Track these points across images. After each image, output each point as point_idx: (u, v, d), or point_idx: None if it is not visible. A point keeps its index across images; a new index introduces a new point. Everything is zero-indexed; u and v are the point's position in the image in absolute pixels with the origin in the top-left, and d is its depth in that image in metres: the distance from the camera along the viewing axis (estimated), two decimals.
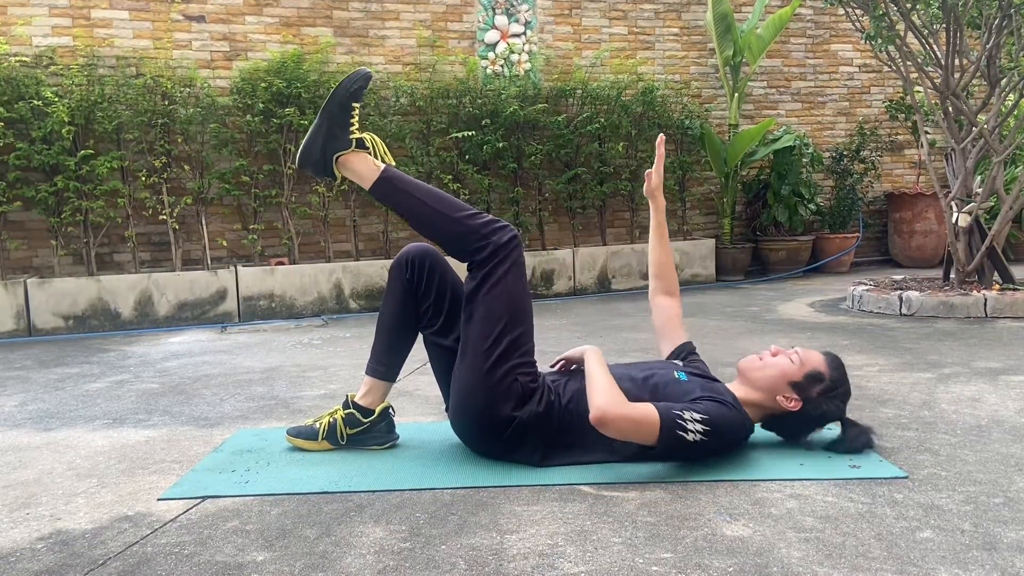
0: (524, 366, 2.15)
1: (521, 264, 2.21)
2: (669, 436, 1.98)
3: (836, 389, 2.18)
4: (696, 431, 1.99)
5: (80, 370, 3.84)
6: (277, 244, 5.88)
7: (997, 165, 4.86)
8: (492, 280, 2.15)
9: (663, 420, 1.98)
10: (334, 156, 2.25)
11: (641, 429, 1.99)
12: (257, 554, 1.66)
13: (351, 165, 2.26)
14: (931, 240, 7.49)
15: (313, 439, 2.37)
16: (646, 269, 6.55)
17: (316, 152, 2.25)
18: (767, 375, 2.18)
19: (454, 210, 2.21)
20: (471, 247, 2.19)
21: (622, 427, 1.99)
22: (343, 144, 2.24)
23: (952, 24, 4.79)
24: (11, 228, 5.30)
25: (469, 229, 2.19)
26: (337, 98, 2.24)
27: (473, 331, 2.14)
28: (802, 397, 2.16)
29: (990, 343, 3.79)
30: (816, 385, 2.16)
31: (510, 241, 2.18)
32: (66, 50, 5.44)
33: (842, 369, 2.22)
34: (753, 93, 7.54)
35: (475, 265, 2.19)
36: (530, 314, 2.21)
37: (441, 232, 2.23)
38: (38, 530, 1.83)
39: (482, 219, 2.21)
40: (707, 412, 2.02)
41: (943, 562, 1.53)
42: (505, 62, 6.58)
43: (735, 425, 2.08)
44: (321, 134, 2.24)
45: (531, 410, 2.12)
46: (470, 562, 1.59)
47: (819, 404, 2.17)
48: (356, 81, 2.26)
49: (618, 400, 2.01)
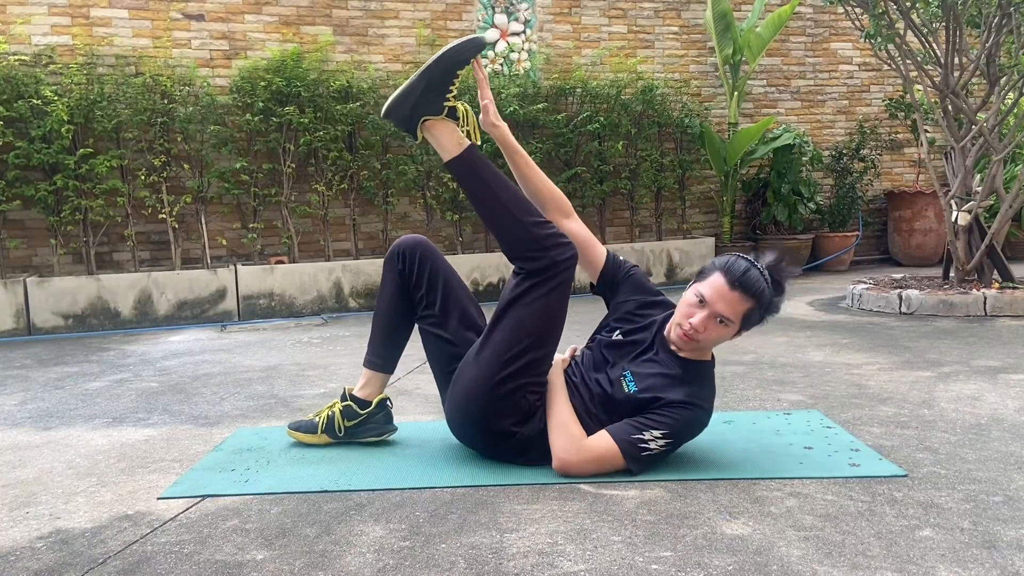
0: (535, 385, 2.13)
1: (568, 285, 2.13)
2: (635, 462, 2.01)
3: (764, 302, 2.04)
4: (659, 445, 2.01)
5: (80, 369, 3.84)
6: (277, 243, 5.87)
7: (997, 163, 4.86)
8: (536, 294, 2.09)
9: (625, 453, 2.00)
10: (422, 118, 2.18)
11: (606, 467, 2.02)
12: (257, 553, 1.66)
13: (436, 132, 2.18)
14: (931, 239, 7.49)
15: (312, 432, 2.40)
16: (646, 267, 6.60)
17: (405, 109, 2.17)
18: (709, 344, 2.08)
19: (524, 212, 2.13)
20: (527, 253, 2.11)
21: (587, 470, 2.03)
22: (435, 109, 2.16)
23: (951, 22, 4.79)
24: (10, 227, 5.30)
25: (532, 235, 2.10)
26: (443, 61, 2.14)
27: (497, 336, 2.10)
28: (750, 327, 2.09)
29: (990, 341, 3.79)
30: (753, 317, 2.06)
31: (567, 260, 2.10)
32: (65, 49, 5.43)
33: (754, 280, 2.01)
34: (753, 91, 7.54)
35: (525, 272, 2.12)
36: (559, 336, 2.16)
37: (503, 228, 2.15)
38: (38, 529, 1.83)
39: (548, 230, 2.12)
40: (667, 426, 2.02)
41: (943, 560, 1.53)
42: (505, 61, 6.58)
43: (695, 423, 2.07)
44: (416, 93, 2.15)
45: (534, 427, 2.11)
46: (470, 561, 1.59)
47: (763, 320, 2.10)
48: (468, 49, 2.15)
49: (575, 446, 2.02)
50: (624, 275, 2.30)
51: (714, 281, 2.03)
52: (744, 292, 2.00)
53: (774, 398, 2.87)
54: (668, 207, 7.11)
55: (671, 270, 6.73)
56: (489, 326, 2.15)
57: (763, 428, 2.47)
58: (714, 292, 2.02)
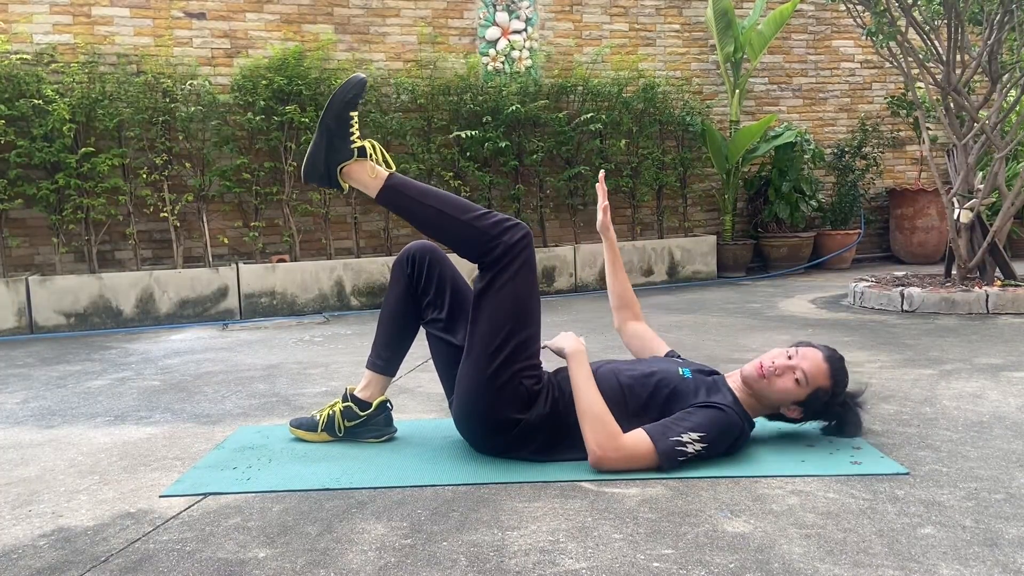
0: (529, 369, 2.13)
1: (531, 264, 2.17)
2: (671, 461, 2.01)
3: (837, 397, 2.19)
4: (696, 449, 2.02)
5: (82, 367, 3.85)
6: (278, 241, 5.88)
7: (999, 161, 4.85)
8: (501, 281, 2.12)
9: (660, 452, 2.01)
10: (338, 168, 2.21)
11: (640, 465, 2.03)
12: (259, 551, 1.66)
13: (355, 175, 2.22)
14: (932, 236, 7.48)
15: (313, 430, 2.42)
16: (648, 265, 6.61)
17: (320, 166, 2.22)
18: (773, 394, 2.17)
19: (462, 212, 2.17)
20: (482, 249, 2.15)
21: (620, 467, 2.03)
22: (345, 155, 2.20)
23: (953, 20, 4.78)
24: (12, 226, 5.30)
25: (478, 231, 2.14)
26: (333, 109, 2.19)
27: (479, 332, 2.12)
28: (805, 409, 2.20)
29: (991, 339, 3.79)
30: (820, 398, 2.17)
31: (520, 240, 2.14)
32: (67, 47, 5.43)
33: (842, 367, 2.21)
34: (754, 89, 7.53)
35: (485, 266, 2.16)
36: (538, 316, 2.19)
37: (451, 235, 2.19)
38: (40, 527, 1.83)
39: (492, 219, 2.15)
40: (705, 428, 2.03)
41: (944, 558, 1.53)
42: (506, 59, 6.58)
43: (734, 432, 2.09)
44: (322, 147, 2.21)
45: (537, 412, 2.12)
46: (471, 558, 1.59)
47: (820, 412, 2.21)
48: (350, 90, 2.20)
49: (612, 442, 2.02)
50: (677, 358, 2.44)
51: (811, 350, 2.19)
52: (831, 368, 2.16)
53: None
54: (669, 205, 7.11)
55: (672, 268, 6.72)
56: (470, 327, 2.16)
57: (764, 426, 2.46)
58: (807, 353, 2.18)
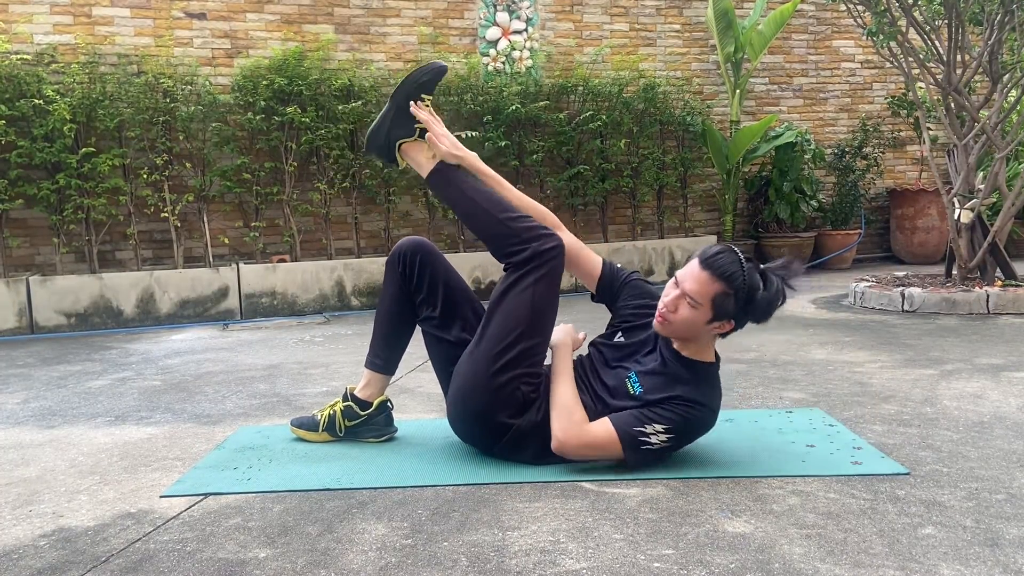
0: (529, 376, 2.13)
1: (556, 275, 2.16)
2: (634, 453, 2.00)
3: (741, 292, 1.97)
4: (660, 441, 2.00)
5: (82, 367, 3.85)
6: (279, 241, 5.88)
7: (999, 161, 4.85)
8: (523, 284, 2.13)
9: (624, 441, 1.99)
10: (397, 143, 2.31)
11: (603, 453, 2.03)
12: (259, 551, 1.66)
13: (412, 153, 2.33)
14: (933, 236, 7.48)
15: (314, 430, 2.43)
16: (648, 265, 6.61)
17: (381, 137, 2.33)
18: (684, 331, 2.04)
19: (501, 211, 2.20)
20: (510, 248, 2.16)
21: (584, 454, 2.04)
22: (407, 132, 2.31)
23: (954, 20, 4.78)
24: (13, 226, 5.30)
25: (512, 231, 2.17)
26: (406, 87, 2.30)
27: (490, 330, 2.13)
28: (728, 319, 2.02)
29: (992, 339, 3.79)
30: (729, 304, 1.98)
31: (551, 250, 2.14)
32: (67, 48, 5.43)
33: (728, 265, 1.97)
34: (755, 89, 7.53)
35: (511, 266, 2.17)
36: (551, 327, 2.19)
37: (485, 230, 2.22)
38: (41, 527, 1.83)
39: (527, 223, 2.18)
40: (669, 422, 2.01)
41: (945, 558, 1.53)
42: (506, 59, 6.58)
43: (699, 422, 2.05)
44: (388, 120, 2.32)
45: (530, 419, 2.11)
46: (472, 559, 1.59)
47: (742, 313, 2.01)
48: (427, 73, 2.31)
49: (576, 428, 2.02)
50: (623, 281, 2.31)
51: (689, 263, 2.04)
52: (712, 272, 1.97)
53: (776, 396, 2.87)
54: (670, 205, 7.11)
55: (673, 268, 6.72)
56: (483, 322, 2.17)
57: (765, 426, 2.47)
58: (686, 271, 2.03)
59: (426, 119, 2.29)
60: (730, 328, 2.06)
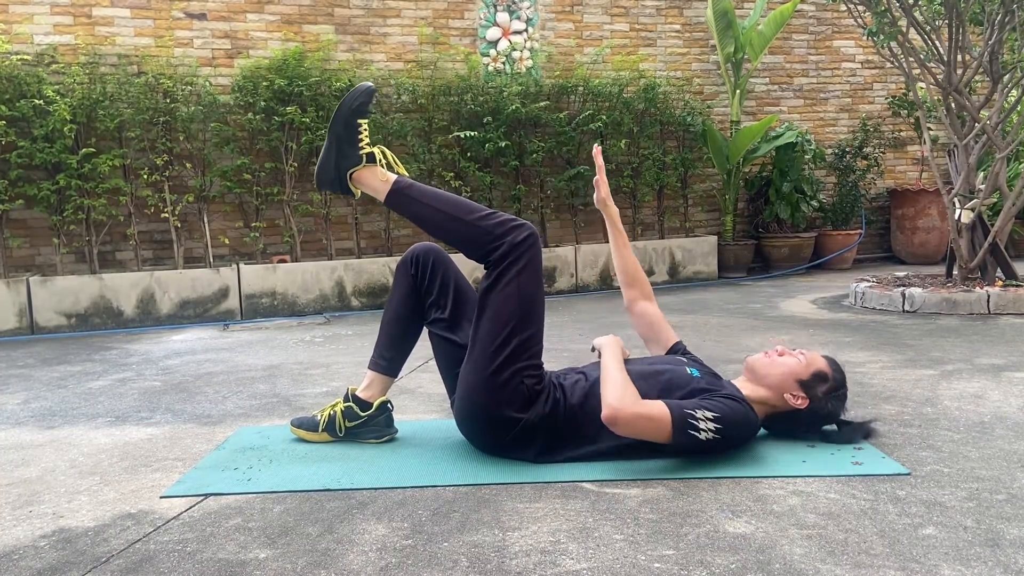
0: (531, 368, 2.14)
1: (536, 264, 2.18)
2: (681, 435, 2.00)
3: (839, 389, 2.24)
4: (709, 429, 2.01)
5: (82, 368, 3.85)
6: (279, 242, 5.88)
7: (1000, 161, 4.85)
8: (505, 279, 2.14)
9: (675, 419, 1.99)
10: (348, 173, 2.28)
11: (653, 428, 2.00)
12: (259, 551, 1.66)
13: (364, 180, 2.30)
14: (934, 236, 7.48)
15: (314, 430, 2.43)
16: (649, 266, 6.60)
17: (331, 171, 2.30)
18: (776, 373, 2.20)
19: (467, 213, 2.20)
20: (486, 248, 2.17)
21: (635, 425, 2.00)
22: (354, 160, 2.28)
23: (954, 20, 4.78)
24: (13, 226, 5.31)
25: (483, 230, 2.17)
26: (342, 117, 2.26)
27: (482, 330, 2.13)
28: (808, 396, 2.19)
29: (993, 339, 3.79)
30: (821, 385, 2.20)
31: (526, 240, 2.16)
32: (68, 48, 5.44)
33: (842, 372, 2.28)
34: (755, 90, 7.53)
35: (490, 264, 2.18)
36: (542, 316, 2.20)
37: (456, 236, 2.22)
38: (41, 528, 1.83)
39: (497, 219, 2.19)
40: (719, 410, 2.03)
41: (946, 559, 1.53)
42: (507, 59, 6.58)
43: (746, 422, 2.10)
44: (332, 153, 2.28)
45: (538, 411, 2.12)
46: (472, 559, 1.59)
47: (824, 403, 2.21)
48: (358, 97, 2.27)
49: (630, 398, 2.01)
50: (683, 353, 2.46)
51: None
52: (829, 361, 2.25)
53: None
54: (670, 205, 7.11)
55: (673, 268, 6.72)
56: (474, 325, 2.18)
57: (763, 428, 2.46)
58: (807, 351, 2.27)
59: (599, 164, 2.48)
60: (803, 404, 2.20)
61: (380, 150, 2.31)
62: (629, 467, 2.08)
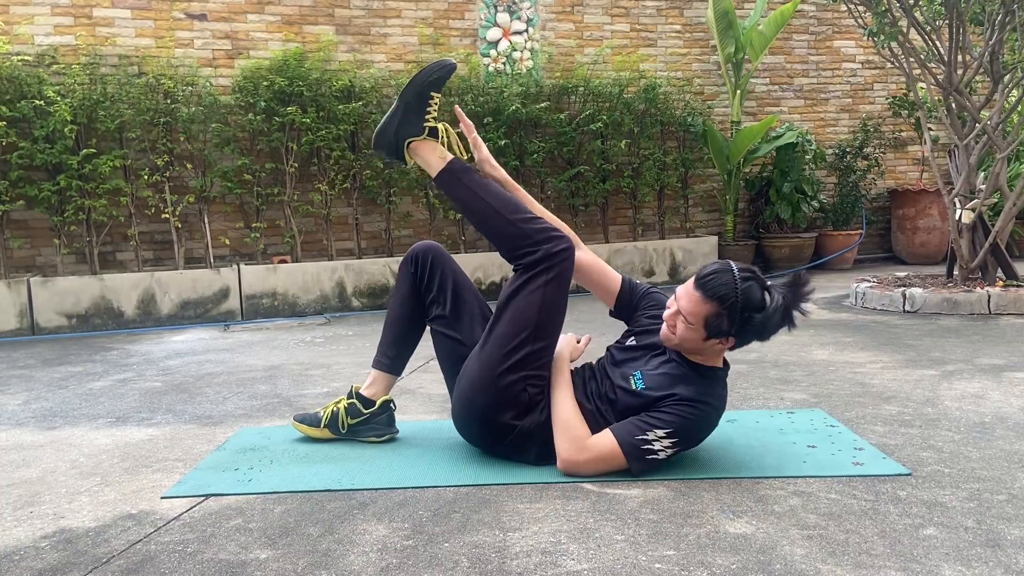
0: (536, 378, 2.13)
1: (566, 278, 2.16)
2: (638, 463, 2.00)
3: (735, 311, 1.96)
4: (664, 447, 1.99)
5: (83, 369, 3.85)
6: (279, 242, 5.88)
7: (1000, 161, 4.85)
8: (533, 286, 2.12)
9: (627, 451, 1.99)
10: (406, 141, 2.28)
11: (611, 466, 2.01)
12: (260, 552, 1.66)
13: (420, 152, 2.29)
14: (934, 237, 7.47)
15: (316, 426, 2.44)
16: (649, 266, 6.61)
17: (390, 135, 2.29)
18: (685, 347, 2.06)
19: (513, 212, 2.19)
20: (521, 250, 2.16)
21: (593, 469, 2.02)
22: (416, 130, 2.28)
23: (955, 20, 4.78)
24: (14, 227, 5.31)
25: (523, 232, 2.16)
26: (416, 85, 2.26)
27: (498, 331, 2.13)
28: (728, 336, 2.01)
29: (994, 340, 3.79)
30: (722, 324, 1.98)
31: (561, 252, 2.13)
32: (68, 49, 5.44)
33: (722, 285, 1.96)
34: (755, 90, 7.52)
35: (521, 267, 2.16)
36: (559, 330, 2.18)
37: (495, 230, 2.21)
38: (42, 528, 1.83)
39: (539, 224, 2.17)
40: (671, 424, 1.99)
41: (946, 559, 1.53)
42: (507, 60, 6.58)
43: (701, 422, 2.03)
44: (396, 118, 2.28)
45: (534, 419, 2.12)
46: (473, 560, 1.59)
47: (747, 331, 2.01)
48: (437, 71, 2.27)
49: (576, 446, 2.02)
50: (641, 295, 2.35)
51: (688, 281, 2.06)
52: (704, 292, 1.97)
53: (777, 397, 2.87)
54: (671, 206, 7.11)
55: (674, 268, 6.72)
56: (491, 322, 2.18)
57: (766, 427, 2.46)
58: (682, 289, 2.05)
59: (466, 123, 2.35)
60: (732, 344, 2.05)
61: (444, 127, 2.30)
62: None
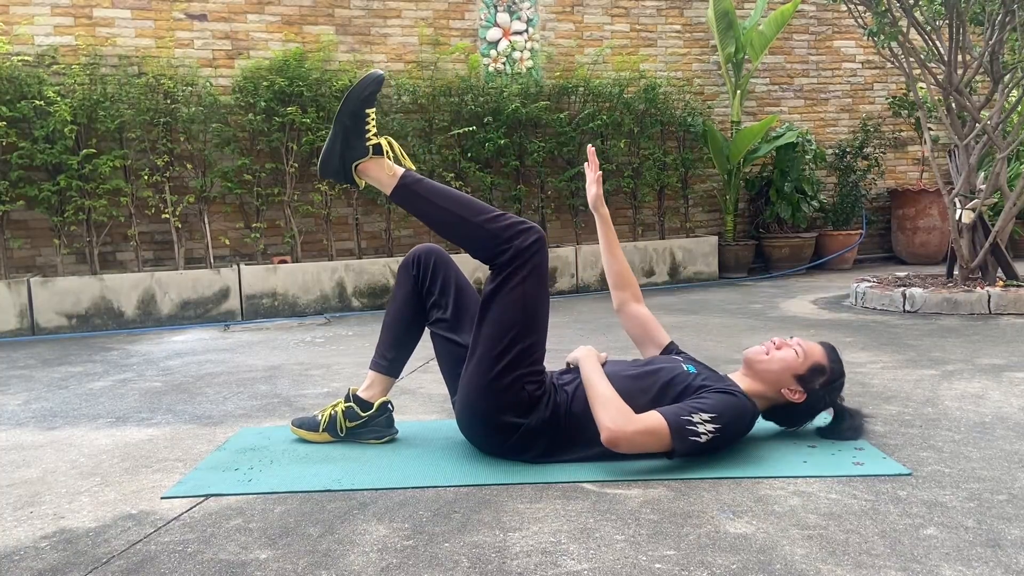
0: (532, 375, 2.13)
1: (542, 269, 2.15)
2: (682, 442, 2.00)
3: (836, 380, 2.24)
4: (707, 431, 2.01)
5: (83, 369, 3.85)
6: (279, 242, 5.88)
7: (1000, 161, 4.85)
8: (510, 284, 2.11)
9: (672, 428, 1.99)
10: (353, 165, 2.22)
11: (654, 441, 2.01)
12: (260, 552, 1.66)
13: (370, 172, 2.23)
14: (934, 237, 7.47)
15: (314, 430, 2.43)
16: (649, 266, 6.61)
17: (335, 161, 2.23)
18: (773, 368, 2.20)
19: (475, 214, 2.16)
20: (493, 251, 2.14)
21: (636, 441, 2.01)
22: (360, 152, 2.20)
23: (955, 19, 4.78)
24: (14, 227, 5.31)
25: (490, 233, 2.13)
26: (349, 106, 2.19)
27: (484, 334, 2.12)
28: (806, 389, 2.21)
29: (994, 340, 3.79)
30: (818, 377, 2.21)
31: (532, 244, 2.12)
32: (68, 49, 5.44)
33: (840, 360, 2.29)
34: (755, 90, 7.53)
35: (496, 268, 2.15)
36: (545, 322, 2.18)
37: (462, 236, 2.18)
38: (42, 528, 1.83)
39: (505, 221, 2.14)
40: (714, 408, 2.03)
41: (947, 559, 1.53)
42: (507, 60, 6.58)
43: (743, 413, 2.10)
44: (338, 143, 2.21)
45: (538, 416, 2.12)
46: (473, 560, 1.59)
47: (821, 396, 2.22)
48: (367, 87, 2.20)
49: (624, 418, 2.00)
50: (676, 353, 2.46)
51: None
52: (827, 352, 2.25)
53: None
54: (671, 206, 7.11)
55: (674, 268, 6.72)
56: (475, 328, 2.16)
57: (766, 426, 2.46)
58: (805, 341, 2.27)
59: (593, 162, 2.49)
60: (800, 398, 2.21)
61: (387, 141, 2.24)
62: (630, 468, 2.08)
